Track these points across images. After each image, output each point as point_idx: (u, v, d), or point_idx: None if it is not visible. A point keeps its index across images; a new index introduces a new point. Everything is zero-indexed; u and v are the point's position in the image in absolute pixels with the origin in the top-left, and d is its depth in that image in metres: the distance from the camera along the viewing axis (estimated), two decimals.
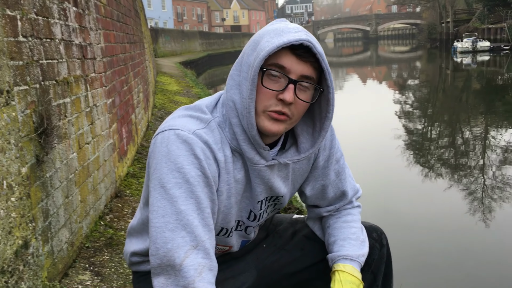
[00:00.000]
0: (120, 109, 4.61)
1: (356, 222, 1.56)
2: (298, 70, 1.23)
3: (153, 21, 53.49)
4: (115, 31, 4.77)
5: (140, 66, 7.33)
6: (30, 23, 2.36)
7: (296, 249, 1.61)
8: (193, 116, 1.30)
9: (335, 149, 1.51)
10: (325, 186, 1.52)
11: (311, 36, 1.25)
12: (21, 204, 2.06)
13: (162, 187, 1.20)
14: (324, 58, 1.24)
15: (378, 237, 1.57)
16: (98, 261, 2.89)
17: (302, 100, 1.25)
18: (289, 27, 1.26)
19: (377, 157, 9.63)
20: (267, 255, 1.62)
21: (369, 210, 6.42)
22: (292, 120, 1.27)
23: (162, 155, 1.22)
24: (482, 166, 8.87)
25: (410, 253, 5.23)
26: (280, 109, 1.23)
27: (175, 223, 1.18)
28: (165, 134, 1.24)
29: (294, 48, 1.21)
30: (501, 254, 5.25)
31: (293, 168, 1.45)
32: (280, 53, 1.21)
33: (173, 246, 1.17)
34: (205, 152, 1.23)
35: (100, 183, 3.51)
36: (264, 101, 1.24)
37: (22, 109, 2.17)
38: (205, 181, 1.22)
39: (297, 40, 1.19)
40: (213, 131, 1.28)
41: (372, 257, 1.54)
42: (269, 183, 1.38)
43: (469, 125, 12.99)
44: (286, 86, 1.22)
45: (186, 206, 1.18)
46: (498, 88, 20.31)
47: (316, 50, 1.21)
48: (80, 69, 3.18)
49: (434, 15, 60.41)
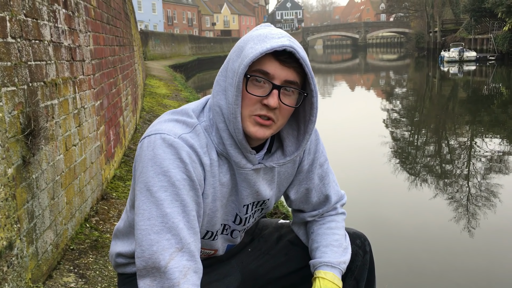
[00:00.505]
0: (108, 112, 4.61)
1: (339, 229, 1.58)
2: (282, 76, 1.25)
3: (143, 24, 53.36)
4: (104, 33, 4.77)
5: (129, 69, 7.31)
6: (19, 24, 2.36)
7: (280, 254, 1.63)
8: (179, 120, 1.31)
9: (319, 153, 1.53)
10: (309, 190, 1.54)
11: (294, 41, 1.27)
12: (6, 205, 2.05)
13: (148, 190, 1.21)
14: (307, 63, 1.26)
15: (361, 243, 1.59)
16: (83, 264, 2.89)
17: (287, 105, 1.27)
18: (273, 32, 1.27)
19: (363, 164, 9.70)
20: (252, 260, 1.63)
21: (354, 216, 6.48)
22: (277, 125, 1.30)
23: (148, 158, 1.23)
24: (467, 174, 8.99)
25: (395, 260, 5.28)
26: (265, 114, 1.26)
27: (161, 226, 1.19)
28: (151, 138, 1.26)
29: (277, 54, 1.23)
30: (487, 260, 5.33)
31: (279, 172, 1.47)
32: (264, 59, 1.24)
33: (158, 248, 1.18)
34: (190, 156, 1.25)
35: (86, 185, 3.51)
36: (249, 106, 1.26)
37: (9, 110, 2.17)
38: (190, 184, 1.24)
39: (280, 46, 1.22)
40: (199, 135, 1.30)
41: (355, 263, 1.56)
42: (255, 186, 1.40)
43: (455, 133, 13.15)
44: (270, 91, 1.24)
45: (171, 209, 1.20)
46: (483, 98, 20.59)
47: (299, 55, 1.23)
48: (68, 71, 3.18)
49: (422, 25, 61.06)
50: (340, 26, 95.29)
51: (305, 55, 1.26)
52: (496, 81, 27.04)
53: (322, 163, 1.55)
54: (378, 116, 16.07)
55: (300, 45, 1.29)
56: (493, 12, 40.82)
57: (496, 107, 17.49)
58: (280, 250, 1.64)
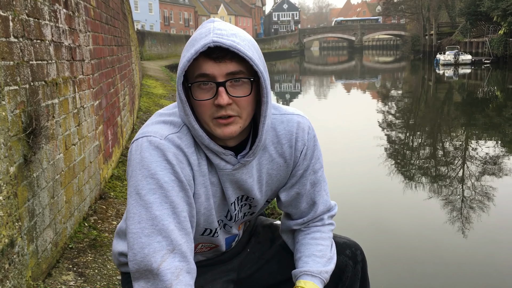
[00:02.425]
0: (107, 111, 4.62)
1: (324, 239, 1.54)
2: (222, 71, 1.21)
3: (139, 24, 53.24)
4: (103, 33, 4.78)
5: (127, 69, 7.33)
6: (21, 24, 2.38)
7: (273, 260, 1.65)
8: (166, 121, 1.32)
9: (315, 159, 1.50)
10: (300, 195, 1.52)
11: (225, 31, 1.22)
12: (8, 203, 2.07)
13: (137, 193, 1.22)
14: (241, 49, 1.19)
15: (352, 254, 1.58)
16: (82, 262, 2.90)
17: (239, 97, 1.24)
18: (202, 32, 1.25)
19: (358, 166, 9.74)
20: (250, 264, 1.65)
21: (352, 219, 6.52)
22: (243, 118, 1.27)
23: (136, 162, 1.25)
24: (462, 176, 9.04)
25: (388, 263, 5.31)
26: (223, 114, 1.24)
27: (151, 229, 1.20)
28: (139, 141, 1.27)
29: (210, 52, 1.20)
30: (481, 264, 5.36)
31: (269, 174, 1.46)
32: (199, 61, 1.22)
33: (149, 251, 1.19)
34: (178, 157, 1.26)
35: (85, 185, 3.52)
36: (206, 112, 1.25)
37: (11, 109, 2.18)
38: (179, 185, 1.25)
39: (203, 46, 1.18)
40: (186, 135, 1.30)
41: (346, 274, 1.56)
42: (238, 184, 1.39)
43: (449, 136, 13.22)
44: (216, 90, 1.22)
45: (161, 211, 1.21)
46: (478, 101, 20.70)
47: (226, 45, 1.18)
48: (68, 71, 3.20)
49: (418, 27, 61.30)
50: (336, 28, 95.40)
51: (239, 40, 1.21)
52: (491, 84, 27.19)
53: (317, 170, 1.51)
54: (373, 118, 16.12)
55: (234, 31, 1.24)
56: (489, 15, 41.06)
57: (491, 110, 17.59)
58: (274, 255, 1.66)
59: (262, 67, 1.24)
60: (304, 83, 33.55)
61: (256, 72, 1.25)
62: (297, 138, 1.45)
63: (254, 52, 1.24)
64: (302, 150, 1.47)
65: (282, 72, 46.66)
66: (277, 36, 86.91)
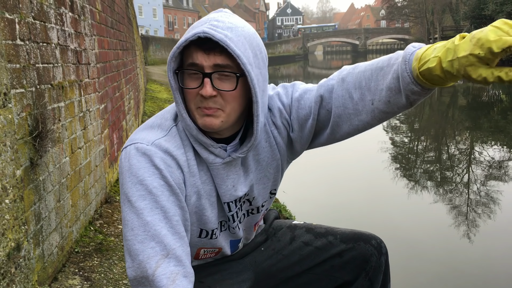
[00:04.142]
0: (112, 115, 4.62)
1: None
2: (210, 62, 1.21)
3: (144, 29, 53.48)
4: (109, 37, 4.79)
5: (132, 73, 7.34)
6: (27, 27, 2.38)
7: (294, 254, 1.62)
8: (154, 126, 1.32)
9: (291, 90, 1.43)
10: (335, 113, 1.35)
11: (222, 23, 1.21)
12: (14, 206, 2.06)
13: (129, 201, 1.22)
14: (230, 44, 1.18)
15: (377, 244, 1.57)
16: (88, 266, 2.89)
17: (224, 90, 1.23)
18: (201, 20, 1.24)
19: (363, 170, 9.70)
20: (265, 259, 1.63)
21: (353, 224, 6.48)
22: (226, 112, 1.25)
23: (125, 170, 1.25)
24: (468, 180, 8.99)
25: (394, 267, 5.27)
26: (205, 106, 1.23)
27: (144, 235, 1.19)
28: (127, 149, 1.27)
29: (202, 42, 1.20)
30: (488, 267, 5.32)
31: (258, 160, 1.42)
32: (191, 50, 1.22)
33: (144, 257, 1.18)
34: (165, 161, 1.25)
35: (91, 188, 3.51)
36: (192, 100, 1.25)
37: (18, 112, 2.18)
38: (169, 189, 1.24)
39: (193, 35, 1.18)
40: (175, 137, 1.30)
41: (370, 264, 1.54)
42: (228, 181, 1.37)
43: (454, 140, 13.16)
44: (202, 81, 1.22)
45: (152, 217, 1.20)
46: (483, 104, 20.63)
47: (215, 38, 1.17)
48: (74, 74, 3.19)
49: (422, 31, 61.31)
50: (340, 32, 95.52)
51: (230, 35, 1.19)
52: (496, 87, 27.09)
53: (300, 94, 1.41)
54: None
55: (235, 24, 1.22)
56: (493, 19, 40.93)
57: (496, 113, 17.52)
58: (294, 250, 1.63)
59: (249, 65, 1.21)
60: None
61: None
62: (271, 112, 1.42)
63: (247, 48, 1.22)
64: (281, 114, 1.42)
65: (286, 76, 46.68)
66: (280, 41, 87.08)
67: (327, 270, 1.59)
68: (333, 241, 1.59)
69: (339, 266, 1.57)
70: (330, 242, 1.60)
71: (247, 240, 1.61)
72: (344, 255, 1.57)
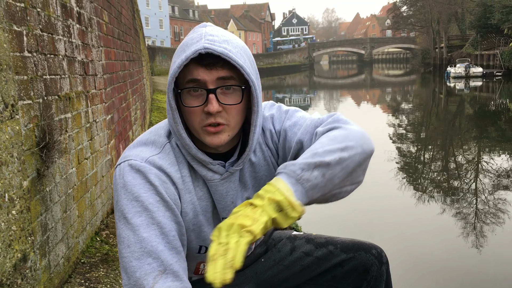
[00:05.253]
0: (119, 126, 4.64)
1: (320, 139, 1.29)
2: (213, 77, 1.20)
3: (150, 39, 53.90)
4: (115, 48, 4.82)
5: (138, 84, 7.38)
6: (35, 39, 2.40)
7: (294, 265, 1.62)
8: (147, 142, 1.31)
9: (288, 122, 1.42)
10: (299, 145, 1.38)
11: (217, 37, 1.20)
12: (21, 217, 2.06)
13: (124, 217, 1.21)
14: (232, 56, 1.17)
15: (378, 254, 1.55)
16: (94, 277, 2.88)
17: (230, 104, 1.22)
18: (194, 37, 1.23)
19: (369, 179, 9.66)
20: (266, 270, 1.63)
21: (359, 228, 6.45)
22: (231, 126, 1.25)
23: (120, 187, 1.24)
24: (475, 190, 8.92)
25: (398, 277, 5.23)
26: (212, 121, 1.22)
27: (140, 251, 1.18)
28: (121, 166, 1.27)
29: (201, 58, 1.19)
30: (497, 280, 5.26)
31: (255, 177, 1.43)
32: (191, 67, 1.20)
33: (141, 274, 1.17)
34: (160, 177, 1.25)
35: (97, 199, 3.52)
36: (195, 119, 1.24)
37: (25, 123, 2.19)
38: (165, 205, 1.24)
39: (194, 52, 1.17)
40: (169, 154, 1.29)
41: (371, 273, 1.53)
42: (228, 197, 1.37)
43: (461, 149, 13.09)
44: (207, 97, 1.21)
45: (148, 233, 1.20)
46: (490, 114, 20.54)
47: (217, 52, 1.16)
48: (81, 85, 3.21)
49: (428, 40, 61.26)
50: (345, 42, 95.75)
51: (231, 47, 1.19)
52: (503, 96, 26.99)
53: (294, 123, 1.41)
54: (384, 131, 16.05)
55: (228, 37, 1.22)
56: (499, 28, 40.98)
57: (504, 122, 17.43)
58: (294, 261, 1.62)
59: (253, 76, 1.23)
60: (314, 98, 33.55)
61: (247, 80, 1.23)
62: (264, 133, 1.42)
63: (246, 59, 1.22)
64: (272, 137, 1.43)
65: (292, 86, 46.79)
66: (286, 50, 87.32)
67: (329, 281, 1.58)
68: (334, 250, 1.58)
69: (340, 277, 1.57)
70: (330, 252, 1.59)
71: (247, 252, 1.61)
72: (345, 265, 1.56)
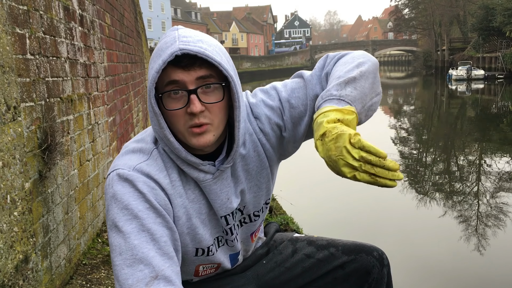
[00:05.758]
0: (120, 127, 4.65)
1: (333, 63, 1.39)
2: (192, 77, 1.20)
3: (153, 42, 53.95)
4: (118, 51, 4.84)
5: (140, 86, 7.40)
6: (38, 42, 2.41)
7: (296, 267, 1.62)
8: (135, 150, 1.32)
9: (283, 93, 1.42)
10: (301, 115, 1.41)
11: (191, 37, 1.21)
12: (23, 218, 2.07)
13: (115, 226, 1.22)
14: (209, 54, 1.18)
15: (379, 256, 1.55)
16: (95, 278, 2.89)
17: (212, 103, 1.23)
18: (168, 41, 1.23)
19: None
20: (267, 272, 1.63)
21: (357, 231, 6.45)
22: (214, 125, 1.25)
23: (110, 196, 1.25)
24: (477, 192, 8.91)
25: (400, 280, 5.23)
26: (196, 122, 1.22)
27: (131, 259, 1.19)
28: (110, 176, 1.28)
29: (178, 60, 1.19)
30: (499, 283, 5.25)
31: (247, 170, 1.42)
32: (168, 70, 1.20)
33: (133, 281, 1.18)
34: (148, 184, 1.25)
35: (99, 200, 3.53)
36: (179, 121, 1.24)
37: (27, 125, 2.20)
38: (155, 212, 1.24)
39: (170, 55, 1.17)
40: (156, 160, 1.30)
41: (372, 276, 1.53)
42: (222, 195, 1.37)
43: (463, 152, 13.07)
44: (188, 98, 1.21)
45: (139, 239, 1.20)
46: (492, 116, 20.51)
47: (193, 51, 1.17)
48: (83, 87, 3.23)
49: (430, 43, 61.22)
50: (347, 44, 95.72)
51: (206, 46, 1.20)
52: (505, 99, 26.95)
53: (286, 93, 1.42)
54: (386, 134, 16.03)
55: (201, 36, 1.23)
56: (501, 30, 40.89)
57: (506, 125, 17.40)
58: (296, 263, 1.62)
59: (232, 72, 1.23)
60: None
61: (226, 77, 1.23)
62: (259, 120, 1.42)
63: (222, 57, 1.23)
64: (270, 120, 1.42)
65: None
66: (288, 53, 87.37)
67: (330, 283, 1.58)
68: (335, 253, 1.59)
69: (341, 279, 1.57)
70: (332, 254, 1.59)
71: (246, 252, 1.61)
72: (346, 267, 1.56)
